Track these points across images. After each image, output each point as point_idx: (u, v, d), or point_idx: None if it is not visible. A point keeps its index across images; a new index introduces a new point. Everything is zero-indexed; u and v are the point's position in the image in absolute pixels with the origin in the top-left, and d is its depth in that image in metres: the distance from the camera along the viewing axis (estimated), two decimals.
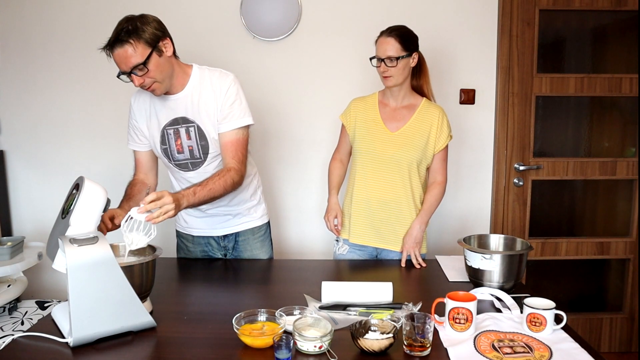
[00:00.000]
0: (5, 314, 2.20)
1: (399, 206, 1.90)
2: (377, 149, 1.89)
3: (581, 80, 2.57)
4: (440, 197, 1.94)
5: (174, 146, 1.72)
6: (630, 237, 2.70)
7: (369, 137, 1.91)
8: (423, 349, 1.17)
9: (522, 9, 2.50)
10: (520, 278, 1.58)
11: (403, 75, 1.84)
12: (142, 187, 1.77)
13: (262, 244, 1.95)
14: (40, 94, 2.51)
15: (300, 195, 2.61)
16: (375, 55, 1.84)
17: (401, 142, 1.88)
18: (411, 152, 1.87)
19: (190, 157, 1.73)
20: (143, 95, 1.73)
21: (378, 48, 1.84)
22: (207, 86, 1.67)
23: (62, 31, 2.46)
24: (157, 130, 1.72)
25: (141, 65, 1.50)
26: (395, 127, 1.90)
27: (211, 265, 1.87)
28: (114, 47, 1.49)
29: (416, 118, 1.90)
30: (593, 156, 2.66)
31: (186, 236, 1.96)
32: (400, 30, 1.83)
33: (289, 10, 2.45)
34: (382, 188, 1.90)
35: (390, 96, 1.92)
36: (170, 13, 2.45)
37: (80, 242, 1.21)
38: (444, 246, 2.62)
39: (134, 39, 1.48)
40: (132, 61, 1.49)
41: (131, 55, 1.49)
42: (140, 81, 1.54)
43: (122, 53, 1.49)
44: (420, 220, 1.90)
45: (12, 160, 2.55)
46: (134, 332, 1.28)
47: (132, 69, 1.50)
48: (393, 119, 1.91)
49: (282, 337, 1.13)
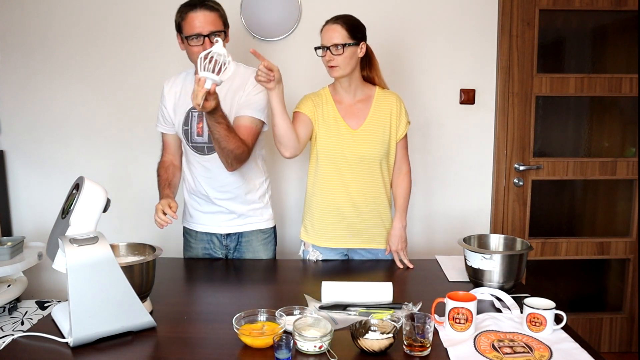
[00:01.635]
0: (5, 314, 2.20)
1: (371, 206, 1.86)
2: (344, 149, 1.81)
3: (581, 80, 2.57)
4: (409, 187, 1.92)
5: (195, 128, 1.79)
6: (630, 237, 2.70)
7: (332, 137, 1.81)
8: (423, 349, 1.17)
9: (522, 9, 2.50)
10: (520, 278, 1.58)
11: (350, 66, 1.75)
12: (175, 171, 1.91)
13: (265, 247, 1.95)
14: (40, 94, 2.51)
15: (300, 195, 2.61)
16: (320, 44, 1.75)
17: (365, 138, 1.81)
18: (378, 148, 1.82)
19: (208, 142, 1.78)
20: (178, 80, 1.86)
21: (323, 36, 1.75)
22: (241, 78, 1.78)
23: (61, 31, 2.46)
24: (183, 111, 1.81)
25: (220, 31, 1.66)
26: (357, 124, 1.82)
27: (211, 266, 1.87)
28: (199, 8, 1.63)
29: (374, 110, 1.83)
30: (593, 156, 2.66)
31: (190, 232, 1.98)
32: (347, 17, 1.75)
33: (289, 10, 2.45)
34: (351, 190, 1.84)
35: (342, 89, 1.83)
36: (170, 13, 2.45)
37: (80, 242, 1.21)
38: (444, 246, 2.62)
39: (220, 10, 1.69)
40: (214, 27, 1.64)
41: (214, 20, 1.65)
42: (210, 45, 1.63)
43: (208, 16, 1.64)
44: (400, 218, 1.89)
45: (12, 160, 2.55)
46: (134, 332, 1.28)
47: (210, 33, 1.64)
48: (352, 115, 1.83)
49: (282, 337, 1.13)
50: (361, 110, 1.84)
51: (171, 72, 2.45)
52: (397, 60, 2.49)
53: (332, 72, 1.77)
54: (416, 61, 2.52)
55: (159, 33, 2.46)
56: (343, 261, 1.95)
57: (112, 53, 2.46)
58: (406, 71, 2.52)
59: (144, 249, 1.49)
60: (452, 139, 2.59)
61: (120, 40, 2.45)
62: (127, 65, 2.48)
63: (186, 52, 1.74)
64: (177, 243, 2.34)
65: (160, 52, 2.46)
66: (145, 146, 2.53)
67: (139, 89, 2.49)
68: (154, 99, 2.49)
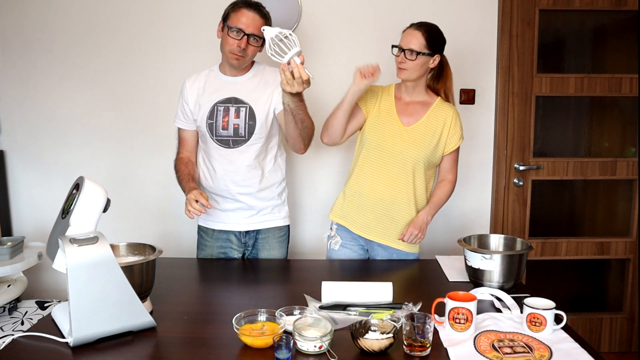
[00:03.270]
0: (5, 314, 2.20)
1: (395, 205, 1.87)
2: (387, 142, 1.85)
3: (581, 80, 2.57)
4: (449, 193, 1.94)
5: (220, 122, 1.83)
6: (630, 237, 2.70)
7: (381, 127, 1.86)
8: (423, 349, 1.17)
9: (522, 9, 2.50)
10: (520, 278, 1.58)
11: (418, 73, 1.81)
12: (194, 167, 1.93)
13: (281, 245, 1.98)
14: (40, 94, 2.50)
15: (304, 196, 2.60)
16: (398, 44, 1.81)
17: (412, 138, 1.85)
18: (420, 150, 1.84)
19: (233, 135, 1.83)
20: (200, 76, 1.91)
21: (403, 38, 1.81)
22: (267, 76, 1.86)
23: (61, 31, 2.45)
24: (208, 105, 1.85)
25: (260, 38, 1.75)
26: (409, 122, 1.86)
27: (211, 266, 1.87)
28: (254, 9, 1.75)
29: (430, 115, 1.87)
30: (593, 156, 2.65)
31: (207, 230, 1.97)
32: (430, 27, 1.81)
33: (289, 10, 2.45)
34: (380, 184, 1.87)
35: (404, 89, 1.89)
36: (170, 13, 2.45)
37: (80, 242, 1.21)
38: (444, 246, 2.62)
39: (266, 22, 1.77)
40: (258, 31, 1.72)
41: (259, 26, 1.71)
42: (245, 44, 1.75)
43: (257, 20, 1.74)
44: (427, 211, 1.88)
45: (12, 160, 2.55)
46: (134, 332, 1.28)
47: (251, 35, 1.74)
48: (407, 113, 1.87)
49: (282, 337, 1.13)
50: (417, 112, 1.88)
51: (172, 73, 2.47)
52: None
53: (400, 74, 1.83)
54: None
55: (159, 34, 2.45)
56: (343, 261, 1.96)
57: (113, 53, 2.46)
58: None
59: (144, 249, 1.49)
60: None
61: (121, 41, 2.45)
62: (127, 65, 2.47)
63: (221, 41, 1.83)
64: (176, 243, 2.35)
65: (161, 52, 2.46)
66: (145, 146, 2.53)
67: (139, 89, 2.49)
68: (154, 99, 2.50)
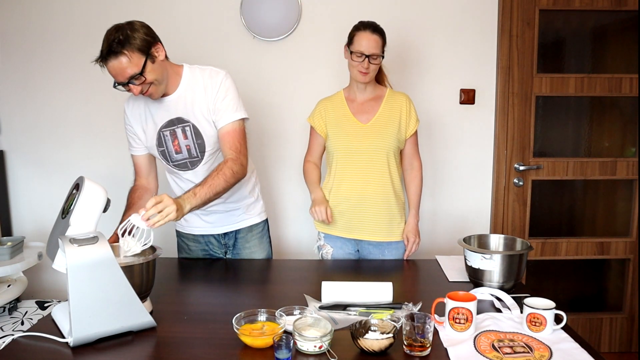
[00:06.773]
0: (5, 314, 2.20)
1: (377, 200, 1.93)
2: (353, 142, 1.92)
3: (581, 80, 2.57)
4: (421, 185, 2.03)
5: (171, 147, 1.72)
6: (630, 237, 2.70)
7: (343, 132, 1.93)
8: (423, 349, 1.17)
9: (522, 9, 2.50)
10: (520, 278, 1.58)
11: (375, 72, 1.90)
12: (143, 193, 1.77)
13: (260, 241, 1.97)
14: (40, 94, 2.51)
15: (298, 194, 2.61)
16: (356, 49, 1.83)
17: (375, 131, 1.91)
18: (386, 140, 1.91)
19: (188, 157, 1.73)
20: (137, 100, 1.73)
21: (362, 43, 1.83)
22: (199, 85, 1.67)
23: (62, 31, 2.46)
24: (153, 132, 1.72)
25: (138, 75, 1.50)
26: (366, 119, 1.93)
27: (211, 266, 1.87)
28: (108, 59, 1.48)
29: (384, 107, 1.94)
30: (593, 156, 2.65)
31: (187, 235, 1.97)
32: (381, 29, 1.87)
33: (289, 10, 2.45)
34: (361, 182, 1.92)
35: (357, 91, 1.95)
36: (170, 13, 2.46)
37: (80, 242, 1.21)
38: (444, 246, 2.62)
39: (128, 49, 1.47)
40: (129, 72, 1.49)
41: (127, 66, 1.48)
42: (138, 90, 1.55)
43: (117, 65, 1.48)
44: (413, 214, 2.01)
45: (12, 160, 2.55)
46: (134, 332, 1.28)
47: (129, 79, 1.50)
48: (362, 111, 1.94)
49: (282, 337, 1.13)
50: (372, 108, 1.95)
51: None
52: (397, 60, 2.49)
53: (364, 78, 1.87)
54: (416, 61, 2.52)
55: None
56: (343, 261, 1.96)
57: None
58: (406, 71, 2.53)
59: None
60: (452, 139, 2.59)
61: None
62: None
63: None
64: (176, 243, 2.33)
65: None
66: None
67: None
68: None
